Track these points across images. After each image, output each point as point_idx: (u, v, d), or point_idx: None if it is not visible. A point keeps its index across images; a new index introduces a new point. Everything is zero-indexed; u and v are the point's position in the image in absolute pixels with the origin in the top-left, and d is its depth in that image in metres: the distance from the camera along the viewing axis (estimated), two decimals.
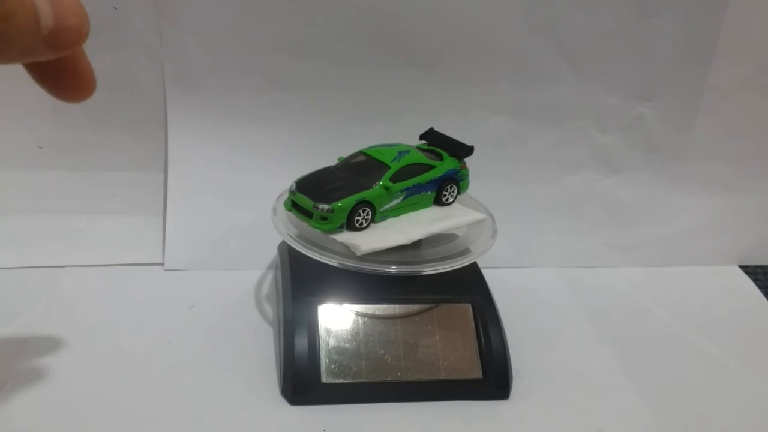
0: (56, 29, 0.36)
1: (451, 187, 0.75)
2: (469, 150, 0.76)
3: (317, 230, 0.68)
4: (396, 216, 0.72)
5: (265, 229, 0.73)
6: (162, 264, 0.86)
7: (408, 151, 0.73)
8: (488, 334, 0.70)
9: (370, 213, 0.69)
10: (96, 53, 0.83)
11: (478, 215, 0.75)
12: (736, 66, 0.89)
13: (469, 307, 0.72)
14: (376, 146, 0.75)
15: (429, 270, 0.68)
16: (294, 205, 0.70)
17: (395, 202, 0.71)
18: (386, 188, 0.69)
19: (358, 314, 0.70)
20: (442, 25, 0.83)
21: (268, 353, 0.73)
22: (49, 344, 0.72)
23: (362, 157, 0.73)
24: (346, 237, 0.68)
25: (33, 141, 0.86)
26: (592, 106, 0.89)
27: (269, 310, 0.80)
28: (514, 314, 0.75)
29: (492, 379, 0.69)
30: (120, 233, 0.88)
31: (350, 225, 0.68)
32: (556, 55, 0.86)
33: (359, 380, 0.67)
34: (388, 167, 0.71)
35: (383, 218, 0.71)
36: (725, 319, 0.87)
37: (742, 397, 0.73)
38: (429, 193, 0.74)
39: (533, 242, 0.93)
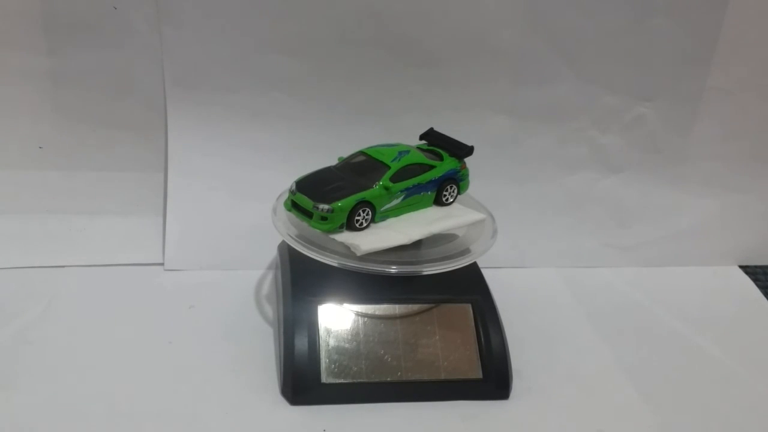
0: None
1: (451, 187, 0.75)
2: (469, 150, 0.76)
3: (317, 230, 0.68)
4: (396, 216, 0.72)
5: (265, 229, 0.73)
6: (162, 264, 0.86)
7: (408, 151, 0.73)
8: (488, 334, 0.70)
9: (370, 213, 0.69)
10: (96, 53, 0.83)
11: (478, 215, 0.75)
12: (736, 66, 0.89)
13: (469, 307, 0.72)
14: (376, 146, 0.75)
15: (429, 270, 0.68)
16: (294, 205, 0.70)
17: (395, 202, 0.71)
18: (386, 188, 0.69)
19: (358, 314, 0.70)
20: (442, 25, 0.83)
21: (268, 353, 0.73)
22: (49, 344, 0.72)
23: (362, 157, 0.73)
24: (346, 237, 0.68)
25: (33, 141, 0.86)
26: (592, 106, 0.89)
27: (269, 310, 0.80)
28: (514, 314, 0.75)
29: (492, 379, 0.69)
30: (120, 233, 0.88)
31: (350, 225, 0.68)
32: (556, 55, 0.86)
33: (359, 380, 0.67)
34: (388, 167, 0.71)
35: (383, 218, 0.71)
36: (725, 319, 0.86)
37: (742, 397, 0.73)
38: (429, 193, 0.74)
39: (533, 242, 0.93)
